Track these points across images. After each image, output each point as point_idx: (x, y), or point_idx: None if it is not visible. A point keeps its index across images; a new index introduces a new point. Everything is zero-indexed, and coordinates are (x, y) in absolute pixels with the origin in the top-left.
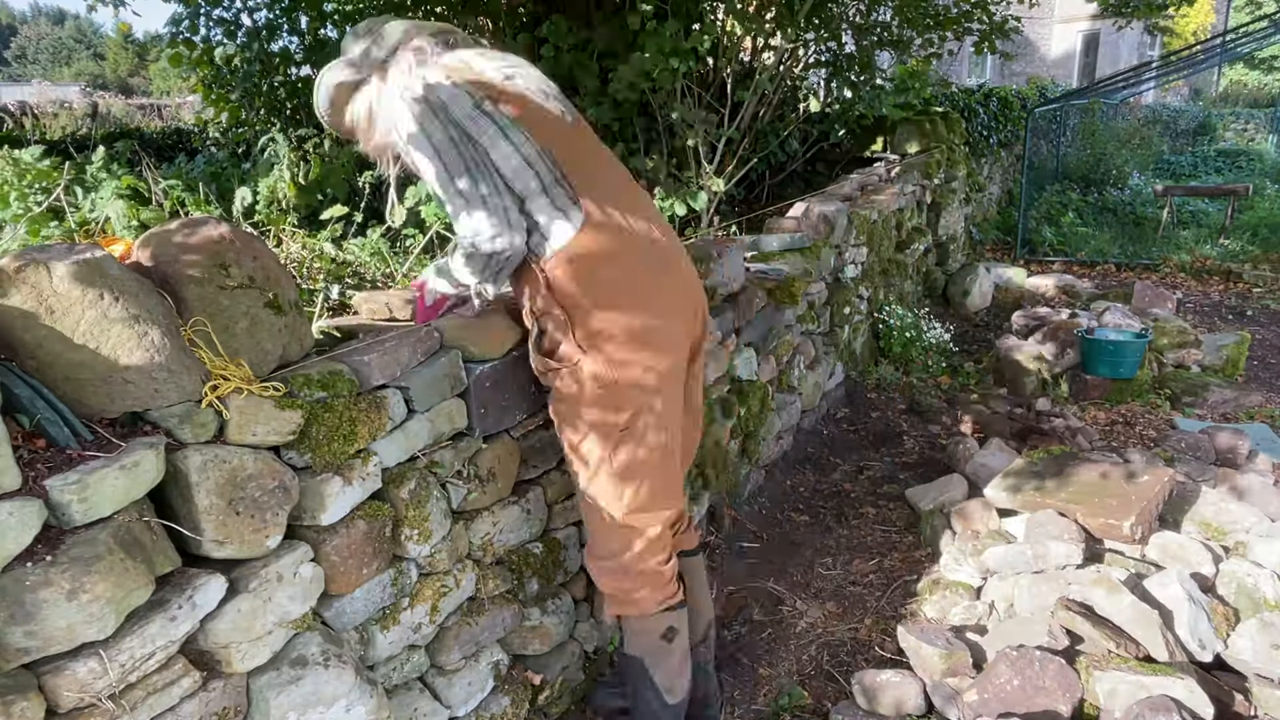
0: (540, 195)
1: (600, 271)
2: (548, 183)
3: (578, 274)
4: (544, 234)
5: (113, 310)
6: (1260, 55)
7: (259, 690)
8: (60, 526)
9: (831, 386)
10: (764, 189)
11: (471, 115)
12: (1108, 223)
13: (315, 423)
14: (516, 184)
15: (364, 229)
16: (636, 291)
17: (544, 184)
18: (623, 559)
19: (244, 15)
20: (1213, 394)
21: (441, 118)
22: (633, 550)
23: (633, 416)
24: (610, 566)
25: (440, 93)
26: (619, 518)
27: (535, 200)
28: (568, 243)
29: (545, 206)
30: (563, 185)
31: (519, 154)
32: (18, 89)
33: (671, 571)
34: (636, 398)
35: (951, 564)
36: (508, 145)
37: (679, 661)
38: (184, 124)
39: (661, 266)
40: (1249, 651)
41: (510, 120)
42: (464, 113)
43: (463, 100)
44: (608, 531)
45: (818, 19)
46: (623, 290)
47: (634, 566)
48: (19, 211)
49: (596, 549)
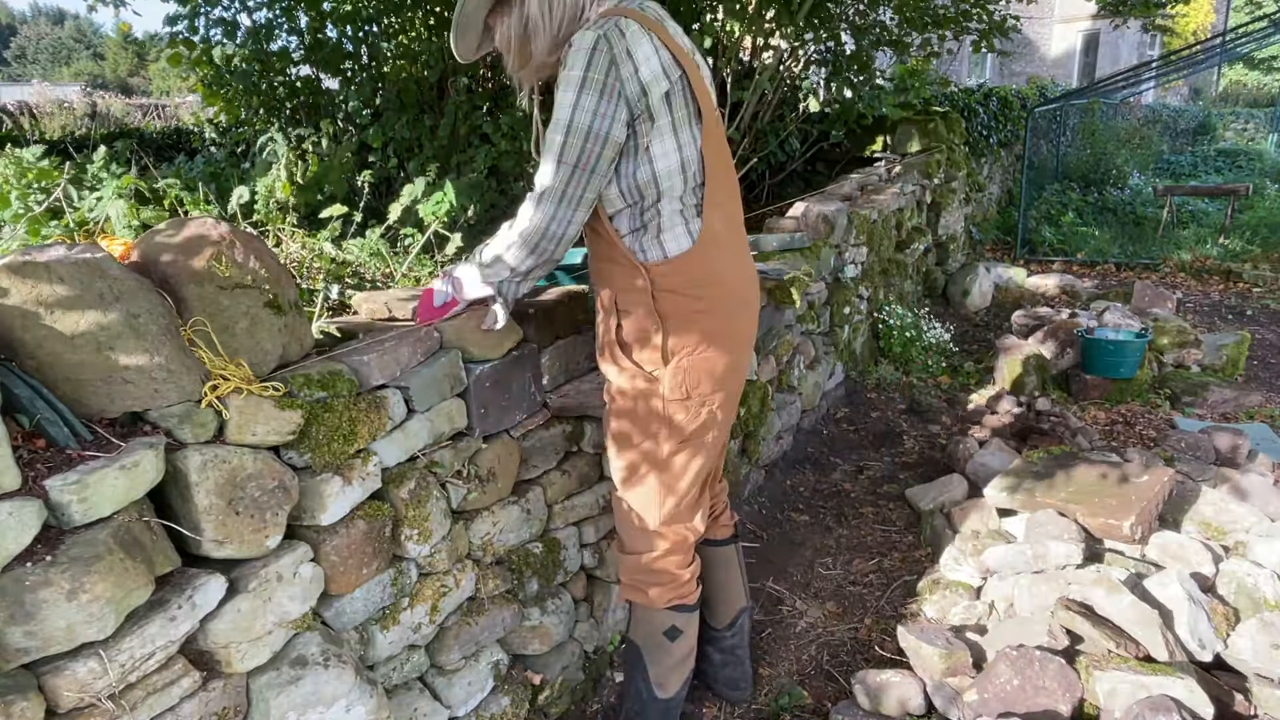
0: (675, 199)
1: (698, 290)
2: (689, 188)
3: (682, 287)
4: (659, 236)
5: (113, 310)
6: (1260, 55)
7: (259, 690)
8: (60, 526)
9: (831, 386)
10: (764, 189)
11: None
12: (1108, 222)
13: (315, 423)
14: (663, 183)
15: (363, 228)
16: (724, 318)
17: (685, 189)
18: (646, 557)
19: (243, 15)
20: (1212, 394)
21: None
22: (656, 551)
23: (692, 435)
24: (631, 560)
25: (641, 59)
26: (652, 527)
27: (669, 201)
28: (680, 255)
29: (674, 211)
30: (696, 194)
31: (680, 155)
32: (17, 89)
33: (690, 574)
34: (703, 419)
35: (951, 564)
36: (673, 141)
37: (677, 660)
38: (183, 124)
39: (744, 299)
40: (1249, 651)
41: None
42: (658, 92)
43: (662, 82)
44: (639, 533)
45: (817, 18)
46: (715, 315)
47: (654, 564)
48: (19, 211)
49: (624, 544)
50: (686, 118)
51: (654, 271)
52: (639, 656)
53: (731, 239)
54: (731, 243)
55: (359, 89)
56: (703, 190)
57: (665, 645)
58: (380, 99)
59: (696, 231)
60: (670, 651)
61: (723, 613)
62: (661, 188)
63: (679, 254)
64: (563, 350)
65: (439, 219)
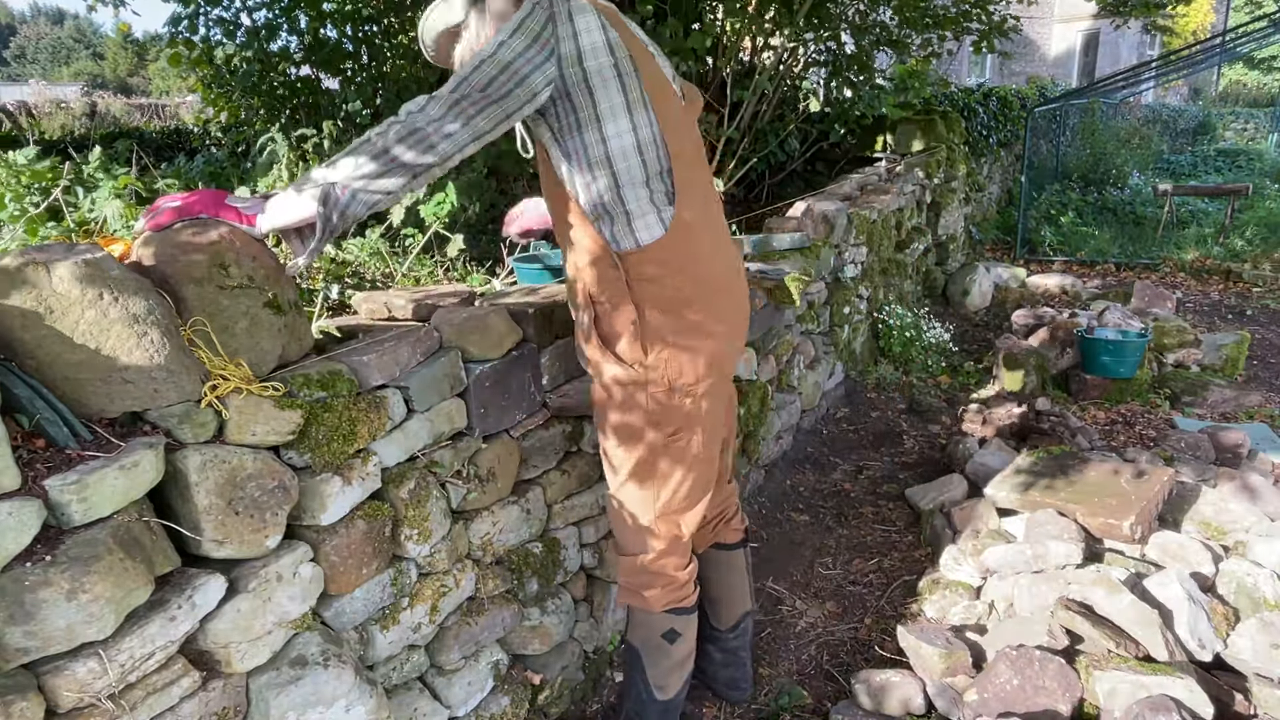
0: (641, 185)
1: (675, 279)
2: (652, 172)
3: (657, 275)
4: (631, 224)
5: (112, 310)
6: (1260, 55)
7: (258, 690)
8: (59, 526)
9: (831, 386)
10: (764, 189)
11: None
12: (1107, 222)
13: (315, 422)
14: (618, 163)
15: (364, 228)
16: (703, 305)
17: (648, 174)
18: (641, 558)
19: (243, 15)
20: (1212, 393)
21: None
22: (653, 551)
23: (680, 428)
24: (628, 562)
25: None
26: (646, 523)
27: (634, 189)
28: (654, 242)
29: (642, 198)
30: (664, 180)
31: (635, 137)
32: (16, 89)
33: (687, 576)
34: (687, 410)
35: (951, 564)
36: (627, 122)
37: (676, 663)
38: (183, 124)
39: (725, 283)
40: (1249, 651)
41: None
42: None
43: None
44: (633, 532)
45: (817, 18)
46: (693, 303)
47: (651, 566)
48: (16, 213)
49: (620, 545)
50: (641, 101)
51: (628, 260)
52: (638, 659)
53: (708, 227)
54: (708, 230)
55: (359, 89)
56: (670, 178)
57: (664, 648)
58: (380, 99)
59: (669, 219)
60: (669, 654)
61: (726, 615)
62: (617, 168)
63: (652, 241)
64: (562, 350)
65: (440, 219)
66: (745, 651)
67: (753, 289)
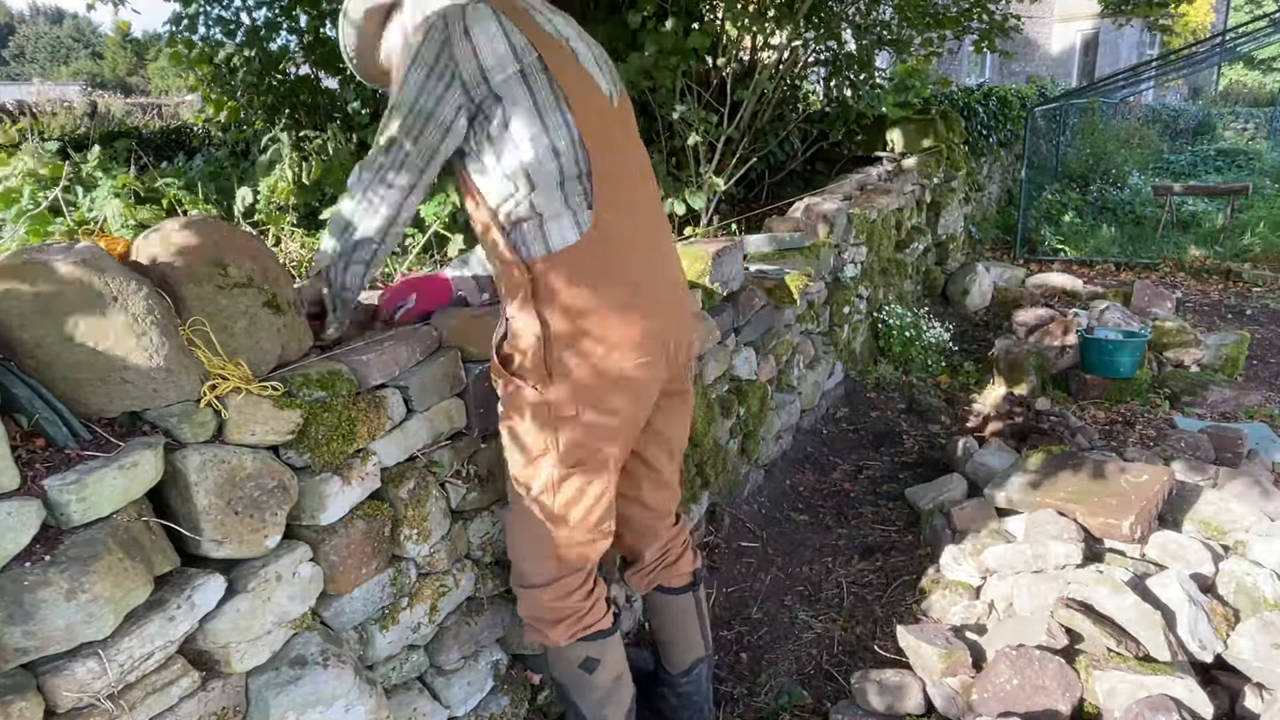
0: (555, 188)
1: (588, 293)
2: (568, 175)
3: (565, 287)
4: (542, 228)
5: (111, 310)
6: (1260, 55)
7: (258, 690)
8: (59, 526)
9: (831, 386)
10: (764, 188)
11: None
12: (1107, 222)
13: (314, 422)
14: (531, 168)
15: None
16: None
17: (563, 176)
18: (539, 594)
19: (243, 14)
20: (1212, 393)
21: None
22: (549, 589)
23: (584, 457)
24: (526, 597)
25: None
26: (545, 557)
27: (547, 192)
28: (565, 249)
29: (555, 200)
30: (582, 182)
31: (549, 138)
32: (16, 88)
33: (591, 604)
34: (593, 436)
35: (951, 563)
36: (539, 124)
37: (605, 692)
38: (183, 123)
39: (650, 301)
40: (1249, 651)
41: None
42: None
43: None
44: (529, 564)
45: (817, 18)
46: (609, 318)
47: (550, 604)
48: (27, 207)
49: (516, 575)
50: (553, 101)
51: (535, 268)
52: (566, 695)
53: (637, 234)
54: (636, 238)
55: (359, 89)
56: (590, 180)
57: (585, 679)
58: (380, 98)
59: (586, 223)
60: (594, 684)
61: (678, 659)
62: (531, 172)
63: (564, 247)
64: None
65: (440, 218)
66: (701, 696)
67: (752, 289)
